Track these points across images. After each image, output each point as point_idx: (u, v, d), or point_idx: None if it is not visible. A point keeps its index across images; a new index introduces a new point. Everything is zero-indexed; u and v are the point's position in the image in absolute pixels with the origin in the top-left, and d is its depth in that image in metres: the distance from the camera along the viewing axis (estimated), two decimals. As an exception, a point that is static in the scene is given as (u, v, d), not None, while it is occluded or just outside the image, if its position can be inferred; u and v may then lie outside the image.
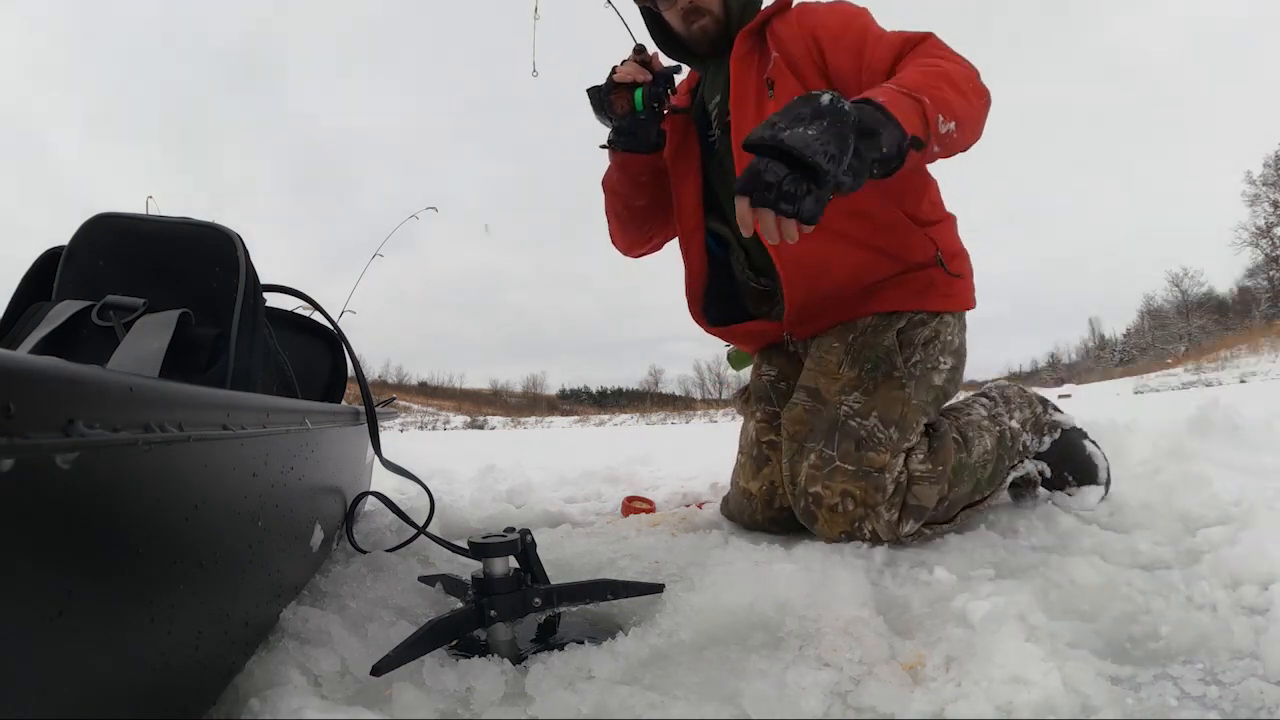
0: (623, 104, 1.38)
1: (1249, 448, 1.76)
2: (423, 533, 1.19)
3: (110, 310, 0.87)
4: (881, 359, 1.30)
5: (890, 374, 1.29)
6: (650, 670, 0.80)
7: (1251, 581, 0.92)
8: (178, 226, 0.98)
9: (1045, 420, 1.47)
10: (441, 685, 0.75)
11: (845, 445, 1.21)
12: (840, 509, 1.17)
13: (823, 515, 1.19)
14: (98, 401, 0.39)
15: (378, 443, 1.28)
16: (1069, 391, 19.93)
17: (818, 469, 1.21)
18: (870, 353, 1.31)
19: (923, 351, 1.33)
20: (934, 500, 1.21)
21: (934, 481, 1.21)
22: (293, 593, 0.95)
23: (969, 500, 1.29)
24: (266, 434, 0.73)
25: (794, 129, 0.89)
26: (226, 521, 0.67)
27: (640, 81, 1.36)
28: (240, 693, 0.70)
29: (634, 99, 1.37)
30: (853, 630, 0.85)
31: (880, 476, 1.19)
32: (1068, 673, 0.69)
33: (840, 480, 1.19)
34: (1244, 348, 39.71)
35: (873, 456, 1.20)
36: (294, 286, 1.23)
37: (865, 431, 1.22)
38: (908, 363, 1.31)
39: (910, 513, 1.19)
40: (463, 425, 50.11)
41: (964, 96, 1.11)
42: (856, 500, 1.17)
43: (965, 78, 1.15)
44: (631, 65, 1.37)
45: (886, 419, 1.24)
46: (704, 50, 1.46)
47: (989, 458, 1.31)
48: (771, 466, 1.41)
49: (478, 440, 10.32)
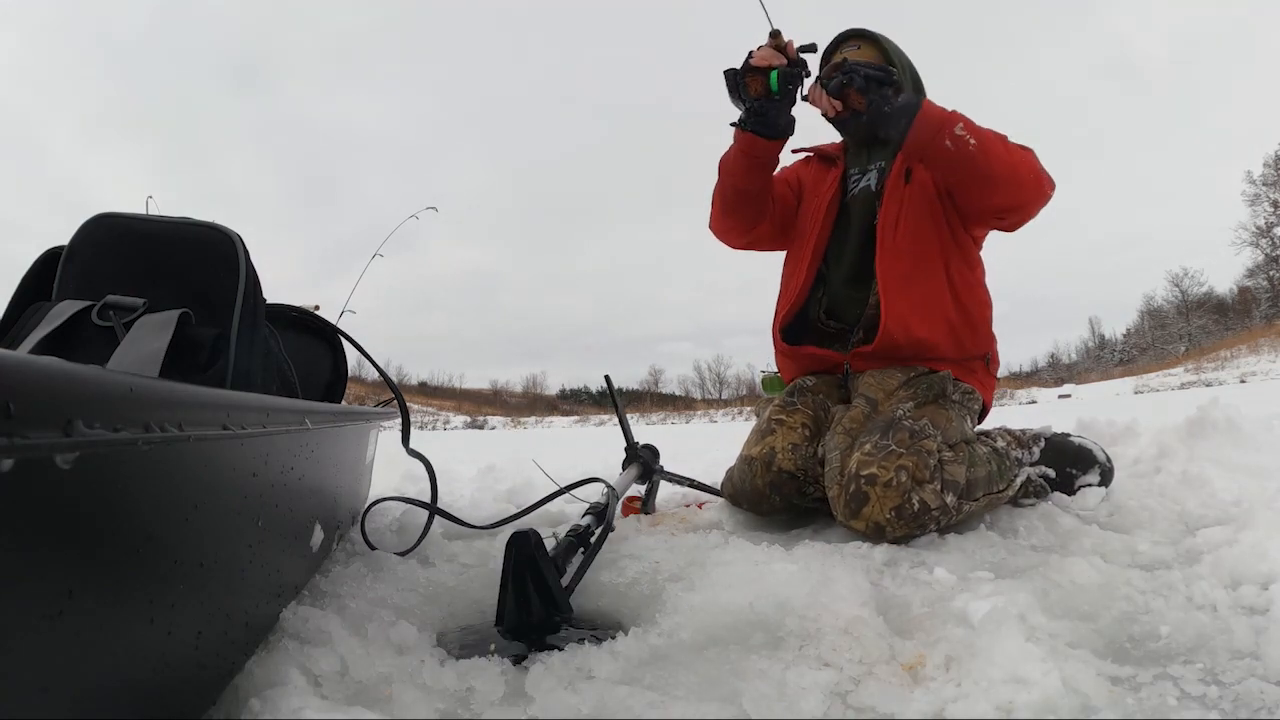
0: (757, 86, 1.48)
1: (1249, 448, 1.76)
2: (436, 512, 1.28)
3: (110, 310, 0.87)
4: (935, 388, 1.53)
5: (939, 398, 1.51)
6: (650, 670, 0.79)
7: (1251, 581, 0.92)
8: (178, 226, 0.98)
9: (1026, 437, 1.61)
10: (441, 685, 0.75)
11: (900, 435, 1.35)
12: (894, 483, 1.27)
13: (876, 492, 1.27)
14: (98, 401, 0.39)
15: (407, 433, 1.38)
16: (1069, 391, 19.92)
17: (872, 455, 1.32)
18: (925, 382, 1.54)
19: (962, 398, 1.57)
20: (963, 477, 1.36)
21: (960, 463, 1.38)
22: (293, 593, 0.95)
23: (988, 488, 1.41)
24: (266, 434, 0.73)
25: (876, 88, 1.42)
26: (226, 521, 0.67)
27: (776, 65, 1.45)
28: (240, 693, 0.70)
29: (770, 81, 1.45)
30: (853, 630, 0.85)
31: (929, 456, 1.33)
32: (1068, 673, 0.69)
33: (894, 460, 1.30)
34: (1244, 348, 39.72)
35: (925, 443, 1.35)
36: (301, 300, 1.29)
37: (918, 427, 1.37)
38: (952, 397, 1.53)
39: (948, 486, 1.32)
40: (463, 425, 50.10)
41: (1006, 148, 1.44)
42: (909, 473, 1.28)
43: (1023, 153, 1.46)
44: (768, 50, 1.46)
45: (935, 424, 1.41)
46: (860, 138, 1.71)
47: (990, 457, 1.46)
48: (774, 436, 1.54)
49: (478, 440, 10.32)
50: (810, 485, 1.49)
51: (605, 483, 1.41)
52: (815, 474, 1.48)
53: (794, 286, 1.72)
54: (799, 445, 1.51)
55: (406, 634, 0.86)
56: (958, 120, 1.39)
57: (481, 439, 11.49)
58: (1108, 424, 2.05)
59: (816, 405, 1.60)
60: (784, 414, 1.58)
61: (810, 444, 1.52)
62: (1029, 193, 1.47)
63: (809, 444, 1.52)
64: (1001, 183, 1.44)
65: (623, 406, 1.87)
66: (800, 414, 1.57)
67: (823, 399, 1.63)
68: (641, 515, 1.67)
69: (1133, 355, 57.90)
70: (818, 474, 1.48)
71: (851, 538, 1.33)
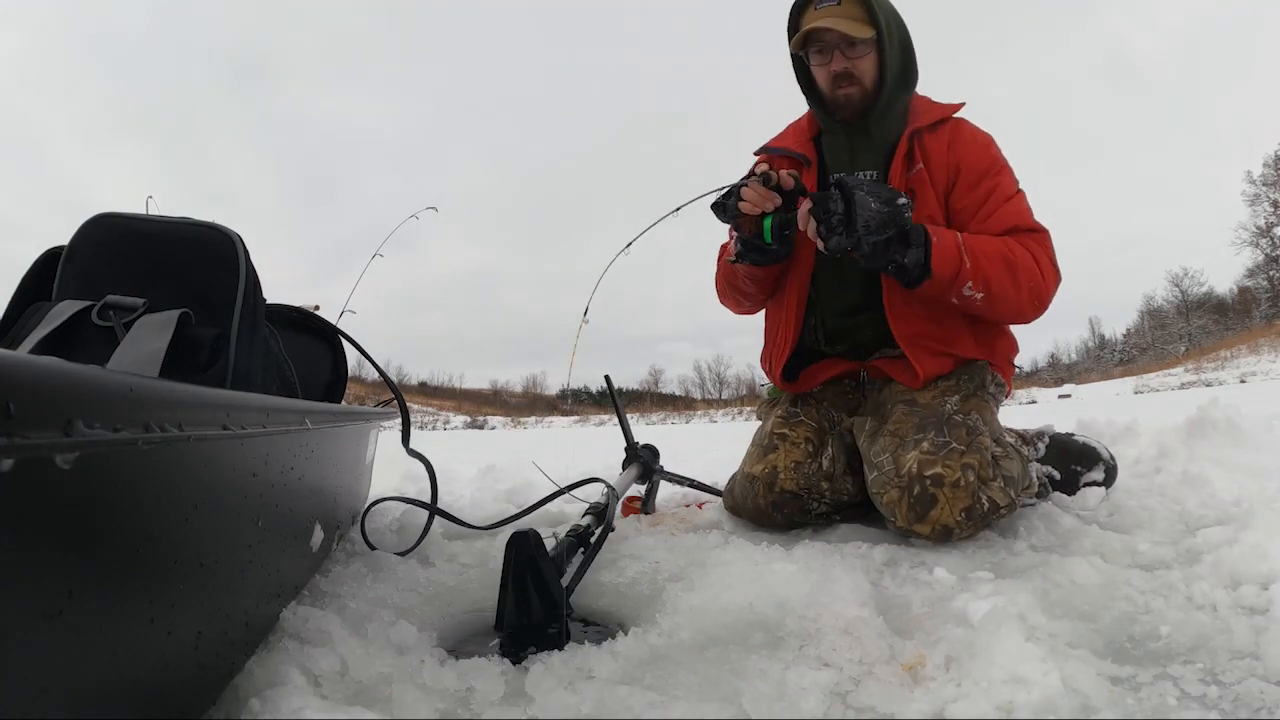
0: (749, 227, 1.35)
1: (1249, 448, 1.76)
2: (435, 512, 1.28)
3: (110, 310, 0.87)
4: (976, 378, 1.45)
5: (979, 390, 1.44)
6: (650, 670, 0.79)
7: (1251, 581, 0.92)
8: (178, 226, 0.98)
9: (1030, 435, 1.59)
10: (441, 685, 0.75)
11: (957, 432, 1.29)
12: (962, 483, 1.22)
13: (945, 494, 1.21)
14: (98, 401, 0.39)
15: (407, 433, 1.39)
16: (1069, 391, 19.91)
17: (932, 454, 1.25)
18: (966, 372, 1.46)
19: (996, 390, 1.49)
20: (1016, 472, 1.32)
21: (1009, 458, 1.33)
22: (293, 593, 0.95)
23: (1024, 484, 1.36)
24: (266, 434, 0.73)
25: (867, 197, 1.22)
26: (226, 521, 0.67)
27: (768, 211, 1.33)
28: (240, 693, 0.70)
29: (763, 228, 1.33)
30: (853, 630, 0.85)
31: (987, 453, 1.28)
32: (1068, 673, 0.69)
33: (958, 458, 1.24)
34: (1244, 348, 39.72)
35: (982, 439, 1.30)
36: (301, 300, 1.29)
37: (971, 423, 1.32)
38: (989, 389, 1.47)
39: (1009, 483, 1.28)
40: (463, 425, 50.10)
41: (1015, 284, 1.35)
42: (976, 472, 1.23)
43: (1030, 275, 1.36)
44: (757, 191, 1.32)
45: (984, 419, 1.36)
46: (844, 115, 1.48)
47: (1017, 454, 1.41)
48: (776, 454, 1.47)
49: (479, 440, 10.32)
50: (814, 502, 1.44)
51: (605, 483, 1.41)
52: (819, 491, 1.43)
53: (785, 333, 1.57)
54: (802, 463, 1.43)
55: (406, 634, 0.86)
56: (965, 279, 1.30)
57: (482, 439, 11.49)
58: (1108, 424, 2.05)
59: (821, 415, 1.53)
60: (787, 427, 1.50)
61: (814, 460, 1.45)
62: (1030, 316, 1.43)
63: (812, 460, 1.45)
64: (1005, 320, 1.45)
65: (622, 406, 1.87)
66: (804, 426, 1.50)
67: (828, 408, 1.56)
68: (641, 515, 1.67)
69: (1133, 355, 57.90)
70: (821, 491, 1.43)
71: (852, 538, 1.33)
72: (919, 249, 1.28)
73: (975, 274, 1.31)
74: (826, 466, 1.45)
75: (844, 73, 1.42)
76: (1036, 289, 1.38)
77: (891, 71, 1.43)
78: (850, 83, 1.43)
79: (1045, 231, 1.42)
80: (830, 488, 1.44)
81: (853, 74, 1.42)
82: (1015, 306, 1.38)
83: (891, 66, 1.43)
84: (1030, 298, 1.38)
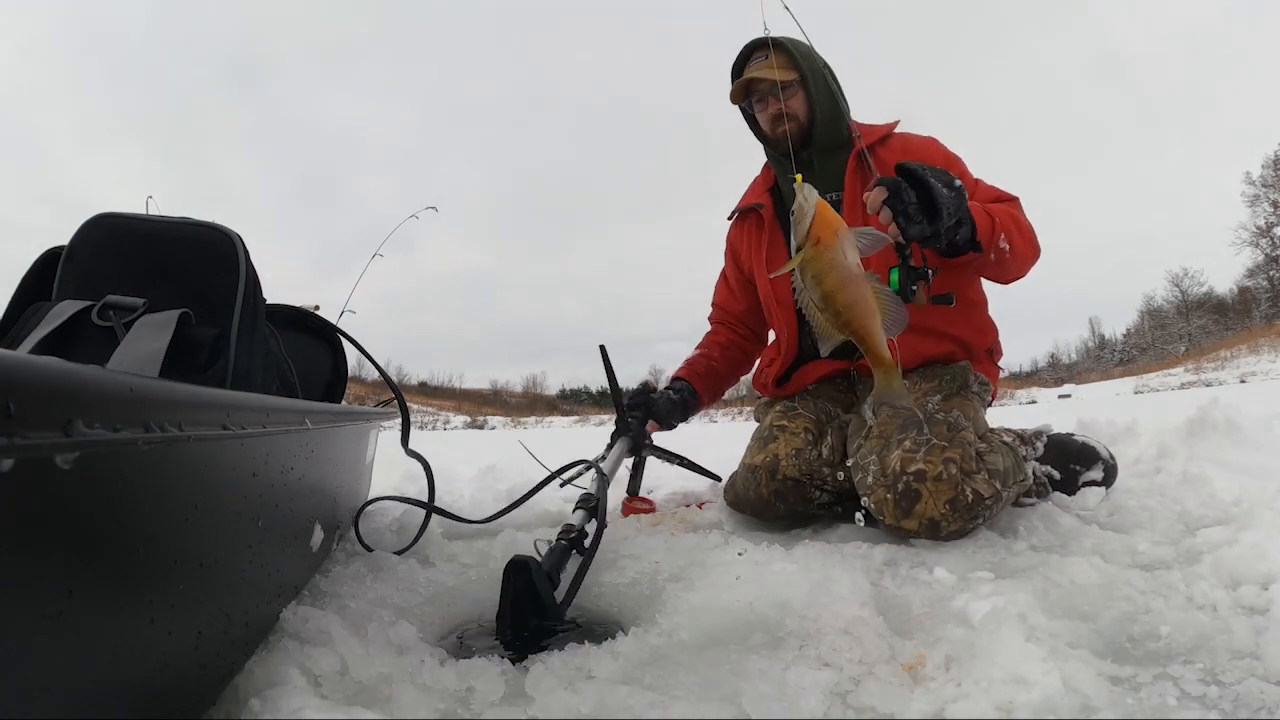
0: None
1: (1249, 448, 1.76)
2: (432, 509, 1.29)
3: (110, 310, 0.87)
4: (958, 379, 1.52)
5: (963, 389, 1.50)
6: (650, 670, 0.79)
7: (1251, 581, 0.92)
8: (178, 226, 0.98)
9: (1028, 434, 1.61)
10: (441, 685, 0.75)
11: (938, 429, 1.33)
12: (945, 476, 1.25)
13: (928, 488, 1.25)
14: (98, 401, 0.39)
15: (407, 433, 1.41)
16: (1069, 391, 19.91)
17: (914, 451, 1.29)
18: (948, 373, 1.53)
19: (980, 389, 1.55)
20: (1001, 465, 1.34)
21: (995, 452, 1.36)
22: (293, 593, 0.95)
23: (1016, 478, 1.39)
24: (266, 434, 0.73)
25: (938, 183, 1.22)
26: (226, 521, 0.67)
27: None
28: (240, 693, 0.70)
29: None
30: (853, 630, 0.85)
31: (969, 447, 1.32)
32: (1068, 673, 0.69)
33: (939, 453, 1.28)
34: (1244, 348, 39.72)
35: (964, 434, 1.34)
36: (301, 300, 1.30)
37: (952, 419, 1.37)
38: (972, 388, 1.53)
39: (994, 475, 1.30)
40: (463, 425, 50.09)
41: (1025, 240, 1.44)
42: (958, 465, 1.26)
43: (1029, 232, 1.46)
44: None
45: (965, 415, 1.41)
46: (784, 150, 1.63)
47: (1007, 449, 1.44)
48: (777, 443, 1.53)
49: (479, 440, 10.31)
50: (815, 490, 1.48)
51: (595, 465, 1.40)
52: (821, 477, 1.47)
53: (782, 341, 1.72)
54: (802, 450, 1.50)
55: (406, 634, 0.86)
56: (999, 234, 1.35)
57: (482, 439, 11.49)
58: (1108, 424, 2.05)
59: (819, 409, 1.60)
60: (786, 419, 1.57)
61: (814, 447, 1.51)
62: (1030, 267, 1.50)
63: (812, 447, 1.51)
64: (1019, 273, 1.49)
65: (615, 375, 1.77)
66: (803, 418, 1.56)
67: (824, 403, 1.63)
68: (641, 516, 1.67)
69: (1133, 355, 57.90)
70: (824, 477, 1.47)
71: (851, 537, 1.33)
72: (968, 225, 1.31)
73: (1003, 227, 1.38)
74: (826, 454, 1.50)
75: (779, 113, 1.61)
76: (1034, 242, 1.49)
77: (820, 104, 1.61)
78: (784, 122, 1.61)
79: (1018, 198, 1.54)
80: (831, 474, 1.48)
81: (787, 113, 1.60)
82: (1025, 255, 1.45)
83: (819, 99, 1.61)
84: (1031, 250, 1.47)
